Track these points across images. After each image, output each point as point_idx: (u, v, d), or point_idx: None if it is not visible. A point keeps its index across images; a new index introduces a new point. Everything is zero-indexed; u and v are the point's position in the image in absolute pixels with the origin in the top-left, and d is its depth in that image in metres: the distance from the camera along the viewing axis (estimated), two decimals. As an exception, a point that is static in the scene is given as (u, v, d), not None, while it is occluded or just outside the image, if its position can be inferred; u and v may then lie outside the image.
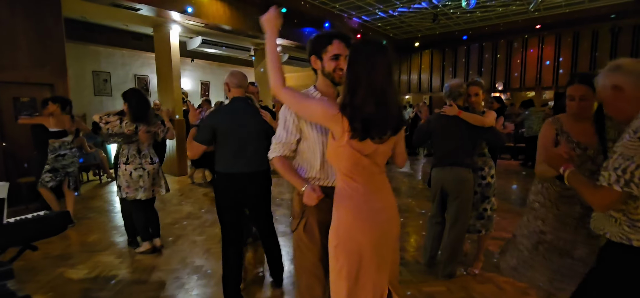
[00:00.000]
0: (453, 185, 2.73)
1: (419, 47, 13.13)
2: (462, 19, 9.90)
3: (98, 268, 3.15)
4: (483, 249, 3.02)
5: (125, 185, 3.26)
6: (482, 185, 2.86)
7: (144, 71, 10.01)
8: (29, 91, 5.46)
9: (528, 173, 7.34)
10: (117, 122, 3.21)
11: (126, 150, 3.27)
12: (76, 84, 7.97)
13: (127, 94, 3.27)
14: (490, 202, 2.89)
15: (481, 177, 2.85)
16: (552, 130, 1.82)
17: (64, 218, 2.34)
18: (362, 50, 1.34)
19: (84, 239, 3.87)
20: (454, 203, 2.76)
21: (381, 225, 1.41)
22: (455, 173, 2.70)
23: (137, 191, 3.28)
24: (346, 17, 9.56)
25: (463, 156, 2.70)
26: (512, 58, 11.62)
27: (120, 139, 3.26)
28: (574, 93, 1.70)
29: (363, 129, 1.29)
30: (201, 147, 2.37)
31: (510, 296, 2.62)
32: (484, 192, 2.86)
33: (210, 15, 7.49)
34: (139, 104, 3.25)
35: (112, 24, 8.44)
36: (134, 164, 3.26)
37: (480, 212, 2.89)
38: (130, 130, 3.21)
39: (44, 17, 5.47)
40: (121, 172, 3.27)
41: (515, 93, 11.73)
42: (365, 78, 1.29)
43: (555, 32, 10.70)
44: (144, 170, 3.29)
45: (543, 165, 1.71)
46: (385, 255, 1.44)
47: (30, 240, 2.17)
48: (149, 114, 3.32)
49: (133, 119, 3.22)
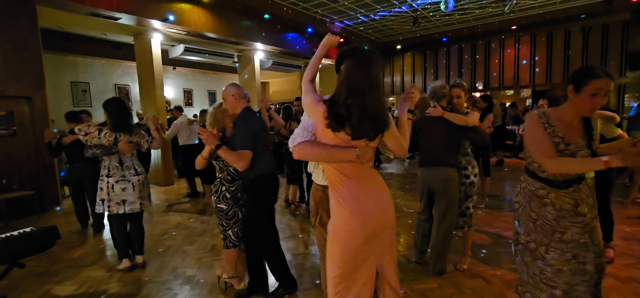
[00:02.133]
0: (439, 184, 2.81)
1: (401, 50, 13.40)
2: (442, 21, 10.17)
3: (86, 284, 3.07)
4: (469, 245, 3.12)
5: (106, 198, 3.13)
6: (466, 184, 2.95)
7: (124, 80, 9.82)
8: (6, 104, 5.28)
9: (509, 169, 7.55)
10: (95, 133, 3.09)
11: (107, 162, 3.15)
12: (54, 95, 7.74)
13: (107, 103, 3.17)
14: (472, 200, 3.00)
15: (465, 176, 2.94)
16: (540, 124, 1.73)
17: (52, 234, 2.30)
18: (350, 57, 1.51)
19: (70, 255, 3.77)
20: (441, 202, 2.84)
21: (373, 216, 1.54)
22: (441, 172, 2.78)
23: (119, 205, 3.14)
24: (328, 22, 9.66)
25: (448, 156, 2.78)
26: (490, 58, 12.00)
27: (99, 151, 3.12)
28: (605, 86, 1.58)
29: (335, 121, 1.48)
30: (250, 154, 2.42)
31: (498, 289, 2.72)
32: (467, 191, 2.96)
33: (192, 23, 7.43)
34: (118, 112, 3.15)
35: (90, 33, 8.25)
36: (116, 177, 3.13)
37: (463, 210, 2.99)
38: (109, 141, 3.10)
39: (20, 29, 5.31)
40: (103, 185, 3.14)
41: (494, 92, 12.09)
42: (348, 81, 1.48)
43: (530, 33, 11.13)
44: (129, 182, 3.16)
45: (573, 162, 1.61)
46: (376, 244, 1.57)
47: (17, 258, 2.12)
48: (129, 123, 3.23)
49: (113, 128, 3.11)
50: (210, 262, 3.43)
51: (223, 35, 8.14)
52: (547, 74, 11.08)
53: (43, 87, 5.60)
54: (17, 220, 4.93)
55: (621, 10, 9.33)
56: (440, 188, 2.82)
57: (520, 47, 11.46)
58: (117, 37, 8.48)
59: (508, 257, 3.28)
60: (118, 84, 9.68)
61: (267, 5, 8.03)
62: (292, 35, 10.12)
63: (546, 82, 11.02)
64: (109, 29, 7.42)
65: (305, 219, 4.68)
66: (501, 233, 3.91)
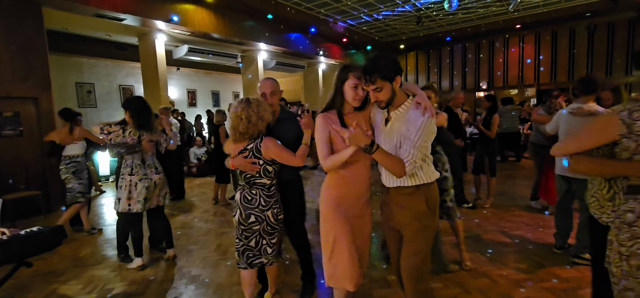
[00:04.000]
0: None
1: (404, 49, 13.36)
2: (445, 20, 10.13)
3: (92, 283, 3.09)
4: (462, 238, 3.09)
5: (125, 196, 3.09)
6: (439, 180, 2.93)
7: (128, 81, 9.87)
8: (12, 105, 5.33)
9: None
10: (120, 132, 3.08)
11: (130, 161, 3.12)
12: (59, 96, 7.78)
13: (129, 102, 3.17)
14: (450, 194, 3.01)
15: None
16: None
17: (59, 233, 2.31)
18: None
19: (76, 254, 3.79)
20: None
21: (355, 206, 1.92)
22: None
23: (139, 203, 3.12)
24: (332, 22, 9.66)
25: None
26: (495, 57, 11.94)
27: (123, 149, 3.10)
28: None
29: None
30: None
31: (505, 289, 2.70)
32: (441, 185, 2.94)
33: (196, 24, 7.46)
34: (142, 111, 3.14)
35: (95, 34, 8.31)
36: (139, 175, 3.10)
37: (440, 204, 2.99)
38: (133, 140, 3.09)
39: (26, 30, 5.36)
40: (125, 183, 3.10)
41: (499, 91, 12.03)
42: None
43: (535, 32, 11.06)
44: (151, 180, 3.15)
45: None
46: (359, 228, 1.94)
47: (25, 257, 2.13)
48: (152, 122, 3.22)
49: (137, 127, 3.10)
50: (215, 262, 3.43)
51: (226, 35, 8.16)
52: (552, 73, 11.00)
53: (49, 88, 5.65)
54: (23, 220, 4.96)
55: (627, 9, 9.25)
56: None
57: (525, 46, 11.39)
58: (122, 38, 8.53)
59: (514, 257, 3.25)
60: (122, 85, 9.73)
61: (271, 5, 8.05)
62: (295, 35, 10.12)
63: (551, 81, 10.95)
64: (114, 30, 7.47)
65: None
66: (507, 232, 3.89)
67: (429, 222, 1.76)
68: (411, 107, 1.70)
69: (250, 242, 2.24)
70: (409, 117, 1.67)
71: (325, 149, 1.86)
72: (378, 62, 1.64)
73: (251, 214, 2.17)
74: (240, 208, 2.18)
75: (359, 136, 1.63)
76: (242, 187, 2.24)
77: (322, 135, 1.87)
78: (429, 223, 1.77)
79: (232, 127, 2.18)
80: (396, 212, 1.80)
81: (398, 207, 1.79)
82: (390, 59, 1.67)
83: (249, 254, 2.26)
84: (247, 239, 2.23)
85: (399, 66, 1.67)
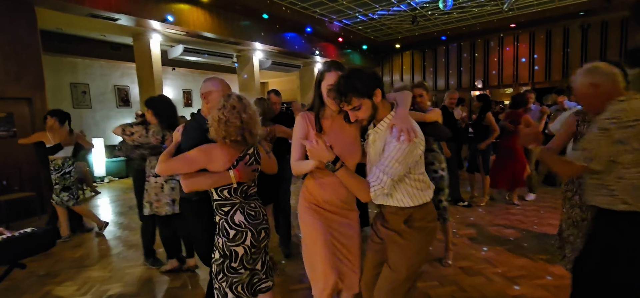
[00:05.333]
0: None
1: (400, 49, 13.39)
2: (440, 20, 10.17)
3: (87, 284, 3.07)
4: (450, 238, 3.16)
5: (154, 200, 2.99)
6: (436, 179, 2.99)
7: (124, 82, 9.81)
8: (5, 106, 5.28)
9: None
10: (143, 131, 2.98)
11: (155, 162, 2.95)
12: (53, 97, 7.73)
13: (154, 100, 3.06)
14: (445, 193, 3.04)
15: (433, 171, 2.98)
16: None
17: (52, 234, 2.30)
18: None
19: (71, 255, 3.76)
20: None
21: (335, 211, 1.77)
22: None
23: (168, 205, 3.00)
24: (327, 22, 9.66)
25: None
26: (490, 56, 12.00)
27: (147, 150, 3.00)
28: None
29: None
30: None
31: (500, 286, 2.72)
32: (438, 185, 2.98)
33: (191, 23, 7.43)
34: (169, 110, 3.02)
35: (90, 34, 8.25)
36: (165, 176, 2.95)
37: (435, 203, 3.03)
38: (157, 140, 2.97)
39: (19, 30, 5.31)
40: (150, 186, 2.99)
41: (494, 90, 12.09)
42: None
43: (529, 31, 11.13)
44: (177, 181, 2.96)
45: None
46: (343, 231, 1.78)
47: (18, 258, 2.11)
48: (176, 121, 3.02)
49: (166, 126, 2.99)
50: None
51: (222, 35, 8.14)
52: (546, 71, 11.08)
53: (43, 89, 5.60)
54: (18, 221, 4.92)
55: (620, 8, 9.33)
56: None
57: (519, 45, 11.45)
58: (116, 38, 8.47)
59: (509, 255, 3.28)
60: (118, 85, 9.68)
61: (266, 5, 8.03)
62: (291, 35, 10.11)
63: (545, 80, 11.02)
64: (108, 30, 7.42)
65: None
66: (502, 231, 3.92)
67: (412, 239, 1.58)
68: (388, 125, 1.53)
69: (257, 265, 1.88)
70: (386, 138, 1.50)
71: (298, 152, 1.69)
72: (351, 80, 1.47)
73: (262, 230, 1.84)
74: (250, 230, 1.77)
75: (319, 150, 1.47)
76: (238, 205, 1.79)
77: (297, 135, 1.71)
78: (412, 240, 1.58)
79: (225, 132, 1.70)
80: (380, 224, 1.70)
81: (381, 221, 1.70)
82: (366, 73, 1.50)
83: (255, 281, 1.88)
84: (254, 263, 1.85)
85: (377, 79, 1.51)
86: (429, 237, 1.63)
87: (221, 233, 1.77)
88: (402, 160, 1.44)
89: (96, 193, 7.07)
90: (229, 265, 1.76)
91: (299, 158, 1.68)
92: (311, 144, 1.49)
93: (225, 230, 1.75)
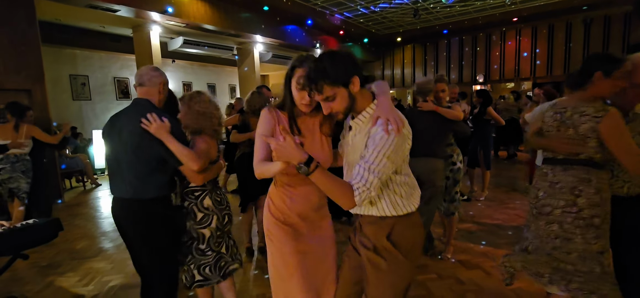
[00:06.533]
0: (426, 174, 2.92)
1: (401, 42, 13.33)
2: (442, 13, 10.11)
3: (89, 275, 3.10)
4: (453, 233, 3.21)
5: None
6: (454, 171, 3.07)
7: (123, 74, 9.78)
8: (5, 98, 5.26)
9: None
10: None
11: None
12: (53, 89, 7.71)
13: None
14: (459, 185, 3.11)
15: (452, 163, 3.06)
16: None
17: (54, 226, 2.31)
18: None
19: (72, 247, 3.79)
20: (426, 191, 2.95)
21: (307, 219, 1.56)
22: (428, 163, 2.89)
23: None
24: (328, 14, 9.60)
25: (435, 147, 2.89)
26: (491, 51, 11.95)
27: None
28: None
29: None
30: None
31: (497, 280, 2.74)
32: (455, 177, 3.07)
33: (191, 15, 7.39)
34: (171, 102, 3.04)
35: (89, 26, 8.20)
36: None
37: (452, 195, 3.10)
38: None
39: (18, 22, 5.28)
40: None
41: (495, 85, 12.07)
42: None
43: (532, 25, 11.07)
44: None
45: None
46: (310, 256, 1.54)
47: (21, 249, 2.14)
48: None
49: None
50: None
51: (222, 27, 8.09)
52: (548, 66, 11.05)
53: (42, 80, 5.59)
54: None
55: (623, 2, 9.28)
56: (426, 179, 2.93)
57: (522, 40, 11.41)
58: (116, 29, 8.42)
59: (507, 248, 3.30)
60: (117, 77, 9.65)
61: (267, -4, 7.99)
62: (291, 28, 10.06)
63: (547, 75, 11.00)
64: (108, 21, 7.37)
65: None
66: (501, 224, 3.94)
67: (396, 261, 1.30)
68: (370, 116, 1.29)
69: (222, 248, 2.05)
70: (369, 130, 1.25)
71: (262, 151, 1.42)
72: (323, 65, 1.22)
73: (226, 215, 2.05)
74: (216, 214, 1.97)
75: (287, 149, 1.18)
76: (208, 192, 1.98)
77: (261, 131, 1.46)
78: (397, 263, 1.30)
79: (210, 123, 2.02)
80: (359, 242, 1.41)
81: (361, 234, 1.41)
82: (341, 56, 1.25)
83: (221, 264, 2.03)
84: (219, 246, 2.03)
85: (354, 64, 1.25)
86: (416, 255, 1.36)
87: (189, 217, 1.96)
88: (391, 155, 1.19)
89: (97, 185, 7.09)
90: (197, 246, 1.96)
91: (263, 159, 1.40)
92: (277, 141, 1.20)
93: (193, 213, 1.95)
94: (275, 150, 1.23)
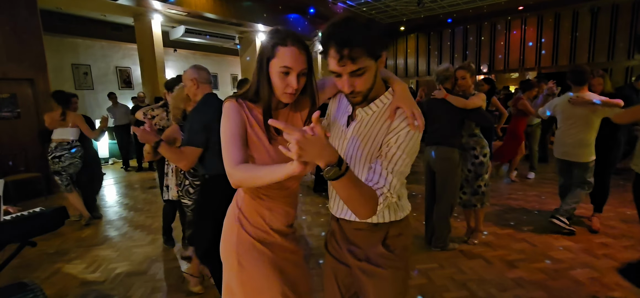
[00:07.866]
0: (437, 163, 2.94)
1: (405, 31, 13.19)
2: (447, 1, 9.97)
3: (96, 262, 3.15)
4: (481, 220, 3.24)
5: (174, 183, 2.89)
6: (476, 164, 3.02)
7: (125, 63, 9.76)
8: (8, 87, 5.29)
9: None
10: (163, 115, 2.93)
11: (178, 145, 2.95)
12: (55, 78, 7.71)
13: (173, 83, 2.92)
14: (484, 179, 3.06)
15: (474, 157, 3.01)
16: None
17: (61, 213, 2.34)
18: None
19: (79, 235, 3.84)
20: (439, 181, 2.95)
21: (273, 247, 1.29)
22: (440, 152, 2.89)
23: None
24: (331, 3, 9.50)
25: (448, 136, 2.86)
26: (496, 40, 11.81)
27: None
28: None
29: None
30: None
31: (498, 270, 2.76)
32: (477, 171, 3.03)
33: (192, 4, 7.33)
34: None
35: (90, 14, 8.16)
36: None
37: (474, 188, 3.08)
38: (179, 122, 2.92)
39: (19, 11, 5.26)
40: (171, 169, 2.87)
41: (499, 75, 11.96)
42: None
43: (538, 14, 10.91)
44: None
45: None
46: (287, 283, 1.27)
47: (28, 237, 2.17)
48: None
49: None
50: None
51: (224, 16, 8.04)
52: (553, 56, 10.91)
53: (45, 69, 5.59)
54: (25, 202, 5.00)
55: (631, -10, 9.11)
56: (438, 167, 2.95)
57: (527, 29, 11.25)
58: (117, 18, 8.39)
59: (509, 239, 3.32)
60: (119, 66, 9.63)
61: (269, -15, 7.91)
62: (294, 16, 9.98)
63: (552, 65, 10.87)
64: (108, 9, 7.34)
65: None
66: (502, 215, 3.95)
67: (395, 266, 1.18)
68: (388, 106, 1.10)
69: None
70: (391, 123, 1.07)
71: (237, 151, 1.09)
72: (359, 28, 0.96)
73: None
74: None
75: (317, 146, 0.83)
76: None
77: (231, 127, 1.12)
78: (396, 269, 1.18)
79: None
80: (347, 250, 1.23)
81: (347, 243, 1.24)
82: (376, 23, 1.05)
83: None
84: None
85: (385, 38, 1.04)
86: (409, 253, 1.23)
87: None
88: (412, 154, 1.05)
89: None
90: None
91: (241, 161, 1.08)
92: (304, 134, 0.81)
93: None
94: (299, 146, 0.81)
